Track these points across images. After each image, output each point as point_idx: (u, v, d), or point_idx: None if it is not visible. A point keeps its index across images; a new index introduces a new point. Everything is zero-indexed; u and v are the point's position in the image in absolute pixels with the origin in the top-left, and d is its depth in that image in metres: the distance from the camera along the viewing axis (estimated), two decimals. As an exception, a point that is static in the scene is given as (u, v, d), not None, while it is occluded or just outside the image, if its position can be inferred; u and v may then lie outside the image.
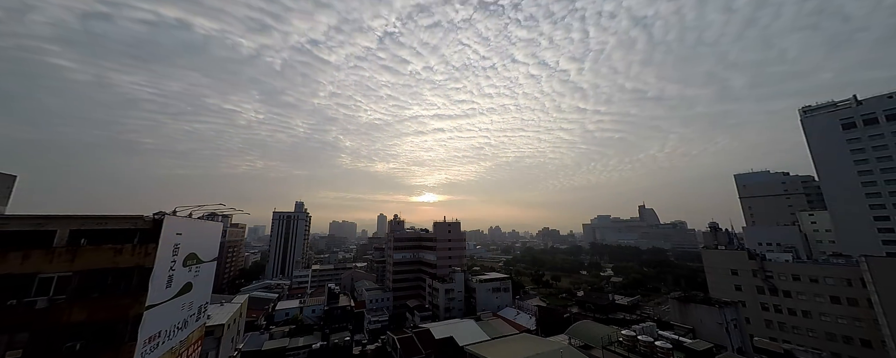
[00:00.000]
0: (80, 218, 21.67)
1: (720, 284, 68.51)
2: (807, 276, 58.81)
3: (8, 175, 25.26)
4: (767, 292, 62.23)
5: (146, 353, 21.14)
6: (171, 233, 23.70)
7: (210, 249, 30.73)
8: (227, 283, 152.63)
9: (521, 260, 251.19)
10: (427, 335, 56.83)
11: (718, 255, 71.09)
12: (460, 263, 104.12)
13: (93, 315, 20.04)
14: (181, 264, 25.19)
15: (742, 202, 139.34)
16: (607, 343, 37.51)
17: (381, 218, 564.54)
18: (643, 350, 34.58)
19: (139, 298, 20.99)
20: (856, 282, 52.89)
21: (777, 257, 67.49)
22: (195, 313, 28.36)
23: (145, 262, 21.61)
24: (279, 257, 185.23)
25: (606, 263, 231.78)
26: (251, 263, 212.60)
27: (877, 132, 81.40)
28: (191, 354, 27.88)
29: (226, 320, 42.35)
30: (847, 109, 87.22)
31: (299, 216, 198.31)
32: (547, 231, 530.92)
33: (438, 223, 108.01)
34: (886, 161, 79.46)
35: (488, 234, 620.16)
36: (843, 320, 54.06)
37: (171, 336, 24.21)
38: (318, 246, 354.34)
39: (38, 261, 19.51)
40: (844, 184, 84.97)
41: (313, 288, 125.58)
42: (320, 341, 60.40)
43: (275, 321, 77.65)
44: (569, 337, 43.42)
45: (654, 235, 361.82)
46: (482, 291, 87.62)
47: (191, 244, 26.54)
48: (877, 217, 79.52)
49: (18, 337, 18.31)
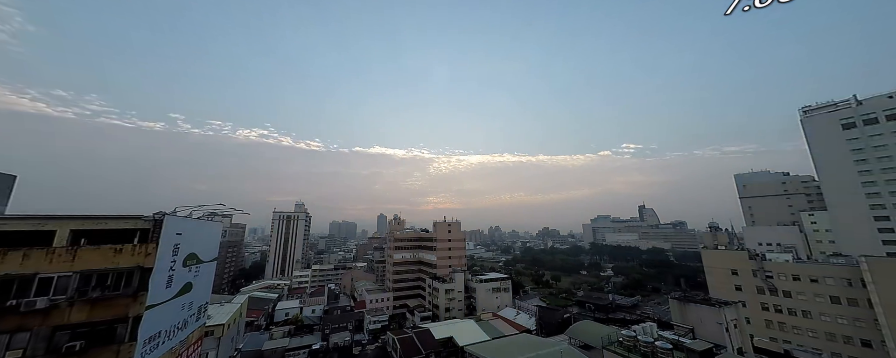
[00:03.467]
0: (80, 218, 21.64)
1: (720, 284, 68.46)
2: (807, 276, 58.77)
3: (8, 175, 25.26)
4: (767, 292, 62.20)
5: (146, 353, 21.11)
6: (171, 233, 23.67)
7: (210, 249, 30.70)
8: (227, 283, 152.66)
9: (521, 260, 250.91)
10: (427, 335, 56.79)
11: (718, 255, 71.08)
12: (460, 263, 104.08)
13: (93, 315, 19.99)
14: (181, 264, 25.16)
15: (742, 202, 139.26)
16: (607, 343, 37.50)
17: (381, 218, 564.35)
18: (643, 350, 34.57)
19: (139, 298, 20.96)
20: (856, 282, 52.84)
21: (777, 257, 67.50)
22: (195, 313, 28.33)
23: (145, 262, 21.57)
24: (279, 257, 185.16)
25: (606, 263, 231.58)
26: (251, 263, 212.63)
27: (877, 132, 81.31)
28: (191, 354, 27.85)
29: (226, 320, 42.39)
30: (847, 109, 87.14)
31: (299, 216, 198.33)
32: (547, 231, 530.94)
33: (438, 223, 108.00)
34: (886, 161, 79.36)
35: (488, 234, 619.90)
36: (843, 320, 54.01)
37: (171, 336, 24.17)
38: (318, 246, 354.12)
39: (38, 261, 19.46)
40: (844, 184, 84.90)
41: (313, 288, 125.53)
42: (320, 341, 60.46)
43: (275, 321, 77.71)
44: (569, 337, 43.45)
45: (654, 235, 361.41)
46: (482, 291, 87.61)
47: (191, 244, 26.51)
48: (877, 217, 79.44)
49: (18, 337, 18.27)
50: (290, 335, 64.39)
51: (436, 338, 55.78)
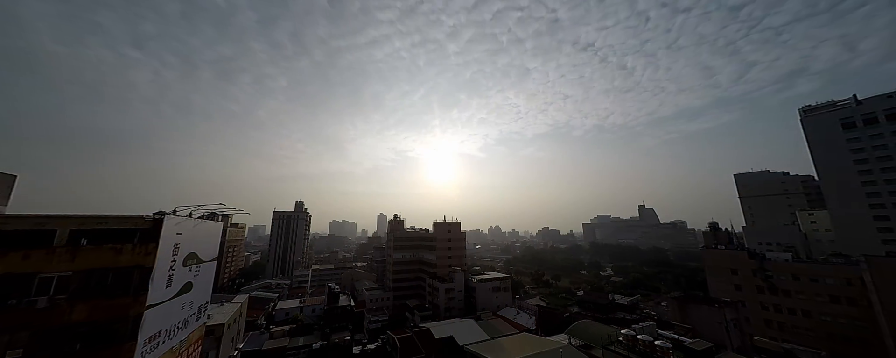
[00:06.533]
0: (80, 218, 21.66)
1: (720, 283, 68.47)
2: (807, 275, 58.77)
3: (8, 175, 25.22)
4: (767, 292, 62.21)
5: (146, 352, 21.13)
6: (171, 232, 23.69)
7: (210, 248, 30.71)
8: (227, 282, 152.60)
9: (521, 260, 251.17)
10: (427, 335, 56.80)
11: (718, 254, 71.07)
12: (460, 262, 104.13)
13: (93, 315, 20.02)
14: (181, 264, 25.18)
15: (742, 202, 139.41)
16: (607, 343, 37.54)
17: (381, 218, 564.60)
18: (643, 350, 34.59)
19: (139, 298, 20.98)
20: (856, 282, 52.84)
21: (777, 257, 67.45)
22: (195, 313, 28.35)
23: (145, 261, 21.59)
24: (279, 257, 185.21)
25: (606, 263, 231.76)
26: (251, 263, 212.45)
27: (877, 132, 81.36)
28: (191, 353, 27.88)
29: (226, 320, 42.40)
30: (847, 109, 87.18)
31: (299, 216, 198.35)
32: (547, 231, 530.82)
33: (438, 223, 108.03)
34: (886, 161, 79.40)
35: (488, 233, 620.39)
36: (843, 320, 54.00)
37: (171, 336, 24.21)
38: (318, 246, 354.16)
39: (39, 261, 19.50)
40: (844, 184, 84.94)
41: (313, 288, 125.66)
42: (320, 341, 60.41)
43: (275, 321, 77.72)
44: (569, 337, 43.49)
45: (654, 234, 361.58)
46: (482, 290, 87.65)
47: (191, 244, 26.53)
48: (877, 217, 79.49)
49: (18, 337, 18.32)
50: (290, 335, 64.38)
51: (436, 337, 55.78)
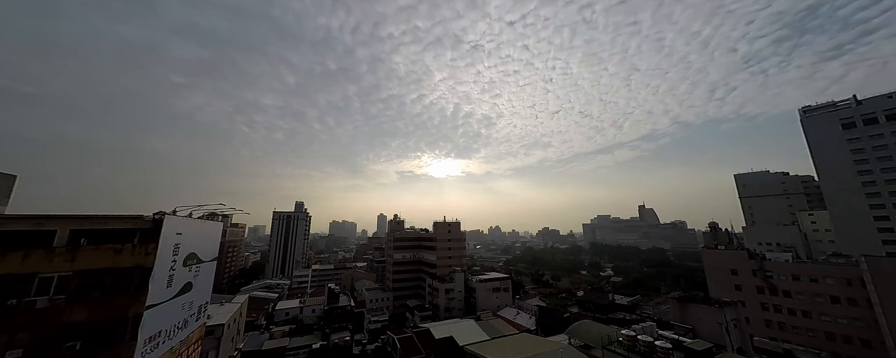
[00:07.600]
0: (80, 218, 21.67)
1: (720, 283, 68.48)
2: (807, 276, 58.79)
3: (8, 175, 25.23)
4: (767, 292, 62.23)
5: (146, 352, 21.13)
6: (171, 233, 23.70)
7: (210, 248, 30.72)
8: (227, 282, 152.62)
9: (521, 260, 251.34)
10: (427, 335, 56.81)
11: (718, 255, 71.08)
12: (460, 262, 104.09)
13: (93, 315, 20.03)
14: (181, 264, 25.19)
15: (742, 202, 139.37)
16: (607, 343, 37.48)
17: (381, 218, 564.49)
18: (643, 350, 34.55)
19: (139, 298, 20.98)
20: (856, 282, 52.87)
21: (777, 257, 67.51)
22: (195, 313, 28.35)
23: (145, 261, 21.59)
24: (279, 257, 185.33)
25: (606, 263, 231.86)
26: (251, 263, 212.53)
27: (877, 132, 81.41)
28: (191, 353, 27.88)
29: (226, 320, 42.44)
30: (847, 109, 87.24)
31: (299, 216, 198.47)
32: (547, 231, 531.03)
33: (438, 223, 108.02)
34: (886, 161, 79.46)
35: (488, 234, 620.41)
36: (843, 320, 54.02)
37: (171, 336, 24.20)
38: (318, 246, 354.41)
39: (38, 261, 19.50)
40: (844, 184, 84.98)
41: (313, 288, 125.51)
42: (320, 341, 60.45)
43: (275, 321, 77.67)
44: (569, 337, 43.43)
45: (654, 235, 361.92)
46: (482, 290, 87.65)
47: (191, 244, 26.54)
48: (877, 217, 79.52)
49: (18, 337, 18.32)
50: (290, 335, 64.39)
51: (436, 337, 55.77)
